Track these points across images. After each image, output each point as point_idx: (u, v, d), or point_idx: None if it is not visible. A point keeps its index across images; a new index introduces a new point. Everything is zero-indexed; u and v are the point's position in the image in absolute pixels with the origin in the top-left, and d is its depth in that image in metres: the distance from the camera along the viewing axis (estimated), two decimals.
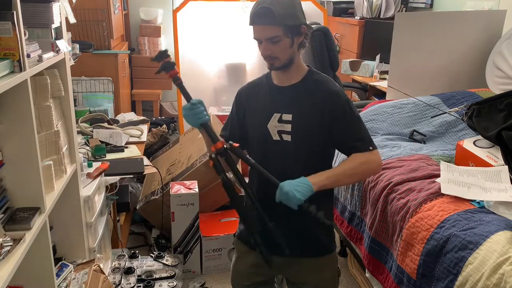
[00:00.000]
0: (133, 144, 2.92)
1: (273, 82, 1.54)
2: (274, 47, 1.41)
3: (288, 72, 1.49)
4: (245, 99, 1.59)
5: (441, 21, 3.16)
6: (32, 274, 1.52)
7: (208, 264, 2.68)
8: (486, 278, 1.40)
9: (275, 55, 1.43)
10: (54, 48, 1.65)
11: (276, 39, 1.40)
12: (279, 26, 1.38)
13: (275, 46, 1.41)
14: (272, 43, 1.40)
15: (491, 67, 3.05)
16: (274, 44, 1.41)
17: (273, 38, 1.40)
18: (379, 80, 4.09)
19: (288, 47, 1.42)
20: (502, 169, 1.87)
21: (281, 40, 1.40)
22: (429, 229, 1.67)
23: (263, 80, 1.58)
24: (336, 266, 1.64)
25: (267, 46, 1.42)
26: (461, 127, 2.53)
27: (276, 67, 1.46)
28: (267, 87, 1.55)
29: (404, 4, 4.46)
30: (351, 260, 2.58)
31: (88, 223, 2.00)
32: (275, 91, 1.52)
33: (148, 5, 4.72)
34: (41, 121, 1.60)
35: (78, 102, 3.36)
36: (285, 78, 1.51)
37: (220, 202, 2.92)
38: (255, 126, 1.53)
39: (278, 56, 1.43)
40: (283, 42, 1.41)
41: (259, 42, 1.44)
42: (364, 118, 2.75)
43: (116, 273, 2.28)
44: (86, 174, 2.12)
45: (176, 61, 3.98)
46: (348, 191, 2.34)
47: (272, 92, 1.52)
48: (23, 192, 1.44)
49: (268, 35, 1.39)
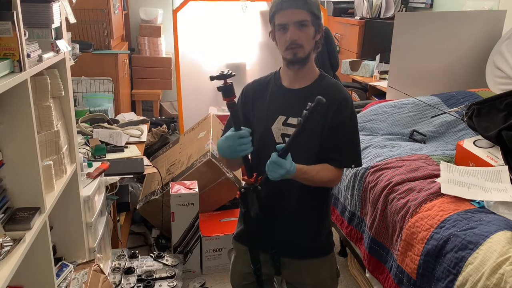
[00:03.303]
0: (133, 144, 2.92)
1: (282, 83, 1.50)
2: (302, 33, 1.39)
3: (301, 72, 1.46)
4: (252, 97, 1.55)
5: (441, 21, 3.16)
6: (32, 274, 1.52)
7: (208, 264, 2.68)
8: (486, 278, 1.40)
9: (301, 42, 1.39)
10: (54, 48, 1.65)
11: (304, 22, 1.38)
12: (308, 12, 1.38)
13: (302, 31, 1.39)
14: (301, 27, 1.38)
15: (491, 67, 3.05)
16: (302, 29, 1.38)
17: (302, 22, 1.38)
18: (379, 80, 4.09)
19: (312, 37, 1.41)
20: (502, 169, 1.87)
21: (308, 26, 1.39)
22: (429, 229, 1.68)
23: (271, 79, 1.54)
24: (335, 266, 1.64)
25: (295, 31, 1.38)
26: (461, 127, 2.53)
27: (299, 58, 1.41)
28: (275, 88, 1.51)
29: (404, 4, 4.47)
30: (351, 260, 2.58)
31: (88, 223, 1.99)
32: (283, 93, 1.49)
33: (148, 5, 4.72)
34: (41, 121, 1.60)
35: (78, 102, 3.36)
36: (296, 80, 1.47)
37: (220, 202, 2.92)
38: (259, 126, 1.50)
39: (303, 43, 1.40)
40: (310, 29, 1.40)
41: (283, 29, 1.40)
42: (364, 118, 2.76)
43: (116, 273, 2.28)
44: (86, 174, 2.12)
45: (176, 61, 3.99)
46: (348, 191, 2.34)
47: (279, 93, 1.49)
48: (23, 192, 1.44)
49: (298, 18, 1.38)
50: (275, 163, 1.30)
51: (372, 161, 2.25)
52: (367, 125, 2.69)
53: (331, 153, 1.45)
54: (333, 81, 1.51)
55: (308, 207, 1.52)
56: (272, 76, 1.55)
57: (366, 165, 2.24)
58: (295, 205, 1.50)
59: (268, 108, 1.49)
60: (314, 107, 1.23)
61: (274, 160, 1.31)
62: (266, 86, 1.53)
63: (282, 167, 1.30)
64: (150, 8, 4.63)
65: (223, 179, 2.79)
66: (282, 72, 1.52)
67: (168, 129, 3.88)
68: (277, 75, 1.53)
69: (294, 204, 1.50)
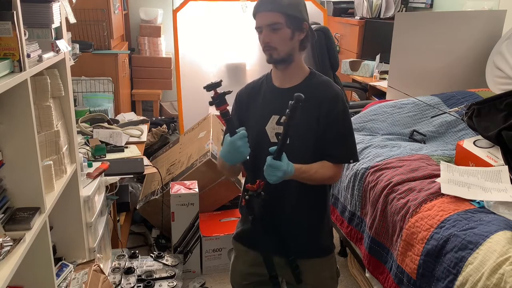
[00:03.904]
0: (133, 144, 2.92)
1: (273, 83, 1.52)
2: (274, 35, 1.39)
3: (288, 72, 1.47)
4: (245, 101, 1.56)
5: (441, 21, 3.16)
6: (32, 274, 1.52)
7: (208, 264, 2.68)
8: (486, 278, 1.40)
9: (274, 45, 1.40)
10: (54, 48, 1.65)
11: (276, 26, 1.38)
12: (281, 13, 1.38)
13: (275, 34, 1.39)
14: (273, 30, 1.39)
15: (491, 67, 3.05)
16: (274, 32, 1.39)
17: (274, 25, 1.38)
18: (379, 80, 4.09)
19: (288, 38, 1.41)
20: (502, 169, 1.87)
21: (282, 29, 1.39)
22: (429, 229, 1.68)
23: (262, 81, 1.56)
24: (335, 267, 1.64)
25: (267, 34, 1.40)
26: (461, 127, 2.53)
27: (275, 59, 1.43)
28: (266, 88, 1.53)
29: (404, 4, 4.47)
30: (351, 260, 2.58)
31: (88, 223, 1.99)
32: (274, 93, 1.50)
33: (148, 5, 4.72)
34: (41, 121, 1.60)
35: (78, 102, 3.36)
36: (285, 79, 1.49)
37: (220, 202, 2.92)
38: (253, 127, 1.51)
39: (276, 46, 1.40)
40: (283, 31, 1.40)
41: (259, 31, 1.42)
42: (364, 118, 2.75)
43: (116, 273, 2.28)
44: (86, 174, 2.12)
45: (176, 61, 3.99)
46: (348, 191, 2.34)
47: (271, 93, 1.50)
48: (23, 192, 1.44)
49: (270, 21, 1.38)
50: (271, 167, 1.31)
51: (372, 161, 2.25)
52: (367, 125, 2.69)
53: (328, 150, 1.46)
54: (324, 78, 1.52)
55: (307, 207, 1.52)
56: (264, 78, 1.57)
57: (366, 165, 2.24)
58: (294, 205, 1.50)
59: (262, 109, 1.50)
60: (294, 105, 1.25)
61: (270, 164, 1.32)
62: (259, 89, 1.55)
63: (279, 169, 1.31)
64: (150, 8, 4.63)
65: (223, 179, 2.79)
66: (273, 72, 1.53)
67: (168, 129, 3.88)
68: (269, 76, 1.55)
69: (294, 204, 1.50)
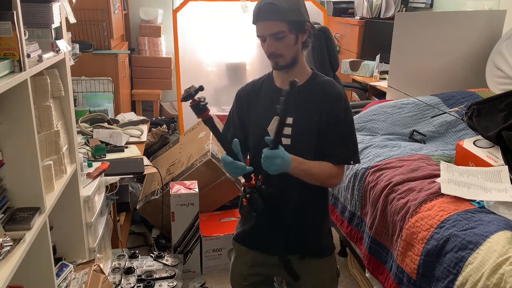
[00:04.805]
0: (133, 144, 2.92)
1: (275, 84, 1.50)
2: (279, 44, 1.38)
3: (292, 73, 1.45)
4: (246, 100, 1.55)
5: (441, 21, 3.16)
6: (32, 274, 1.52)
7: (208, 264, 2.68)
8: (486, 278, 1.40)
9: (280, 52, 1.39)
10: (54, 48, 1.65)
11: (280, 35, 1.37)
12: (283, 22, 1.36)
13: (279, 42, 1.38)
14: (277, 39, 1.37)
15: (491, 67, 3.05)
16: (279, 40, 1.38)
17: (278, 34, 1.37)
18: (379, 80, 4.09)
19: (292, 44, 1.40)
20: (502, 169, 1.87)
21: (286, 36, 1.38)
22: (429, 229, 1.68)
23: (263, 80, 1.55)
24: (335, 267, 1.64)
25: (272, 43, 1.38)
26: (461, 127, 2.53)
27: (281, 66, 1.42)
28: (268, 89, 1.51)
29: (404, 4, 4.47)
30: (351, 260, 2.58)
31: (88, 223, 1.99)
32: (276, 94, 1.47)
33: (148, 5, 4.72)
34: (41, 121, 1.60)
35: (78, 102, 3.36)
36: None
37: (220, 202, 2.92)
38: (255, 128, 1.51)
39: (282, 53, 1.40)
40: (288, 38, 1.38)
41: (262, 40, 1.41)
42: (364, 118, 2.75)
43: (116, 273, 2.28)
44: (86, 174, 2.12)
45: (176, 61, 3.98)
46: (348, 191, 2.34)
47: (273, 94, 1.48)
48: (23, 192, 1.44)
49: (273, 30, 1.36)
50: (269, 157, 1.30)
51: (372, 161, 2.25)
52: (367, 125, 2.69)
53: (329, 150, 1.45)
54: (326, 78, 1.51)
55: (309, 202, 1.52)
56: (265, 77, 1.55)
57: (366, 165, 2.24)
58: (295, 201, 1.50)
59: (263, 110, 1.49)
60: (289, 91, 1.22)
61: (267, 154, 1.30)
62: (260, 88, 1.54)
63: (277, 157, 1.30)
64: (150, 8, 4.63)
65: (223, 179, 2.79)
66: (275, 73, 1.52)
67: (168, 129, 3.88)
68: (270, 77, 1.53)
69: (295, 199, 1.50)
